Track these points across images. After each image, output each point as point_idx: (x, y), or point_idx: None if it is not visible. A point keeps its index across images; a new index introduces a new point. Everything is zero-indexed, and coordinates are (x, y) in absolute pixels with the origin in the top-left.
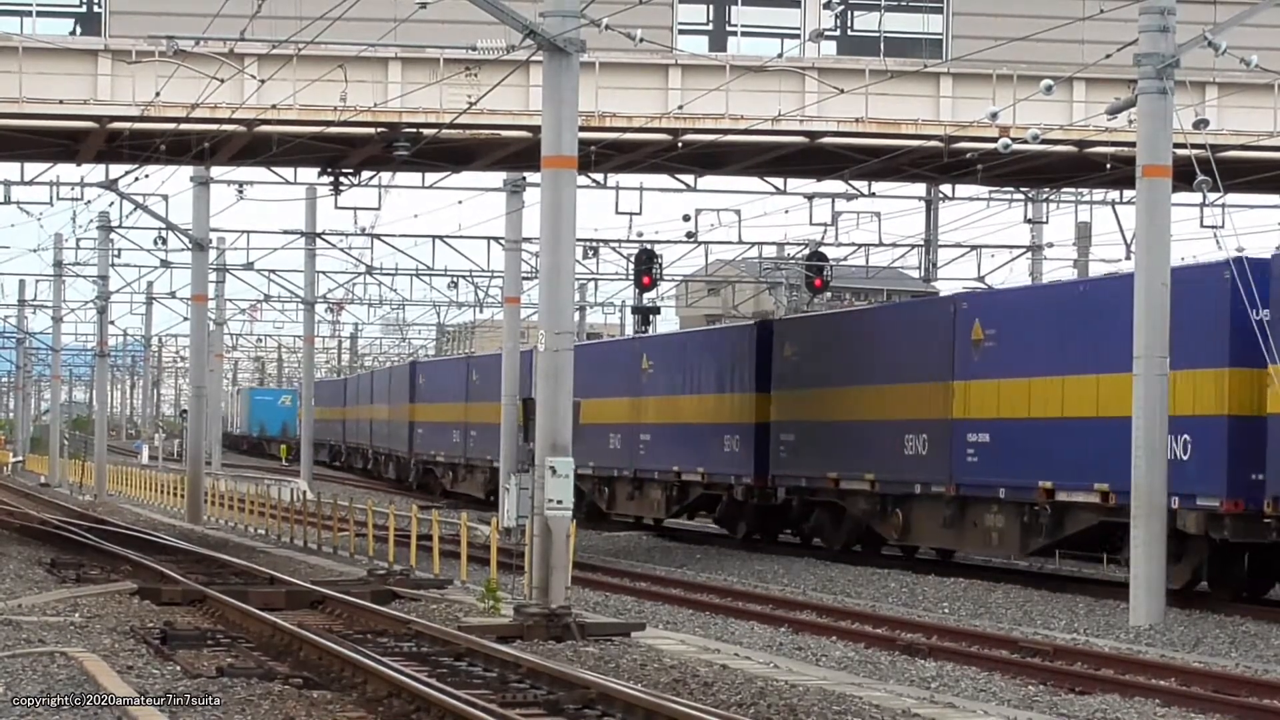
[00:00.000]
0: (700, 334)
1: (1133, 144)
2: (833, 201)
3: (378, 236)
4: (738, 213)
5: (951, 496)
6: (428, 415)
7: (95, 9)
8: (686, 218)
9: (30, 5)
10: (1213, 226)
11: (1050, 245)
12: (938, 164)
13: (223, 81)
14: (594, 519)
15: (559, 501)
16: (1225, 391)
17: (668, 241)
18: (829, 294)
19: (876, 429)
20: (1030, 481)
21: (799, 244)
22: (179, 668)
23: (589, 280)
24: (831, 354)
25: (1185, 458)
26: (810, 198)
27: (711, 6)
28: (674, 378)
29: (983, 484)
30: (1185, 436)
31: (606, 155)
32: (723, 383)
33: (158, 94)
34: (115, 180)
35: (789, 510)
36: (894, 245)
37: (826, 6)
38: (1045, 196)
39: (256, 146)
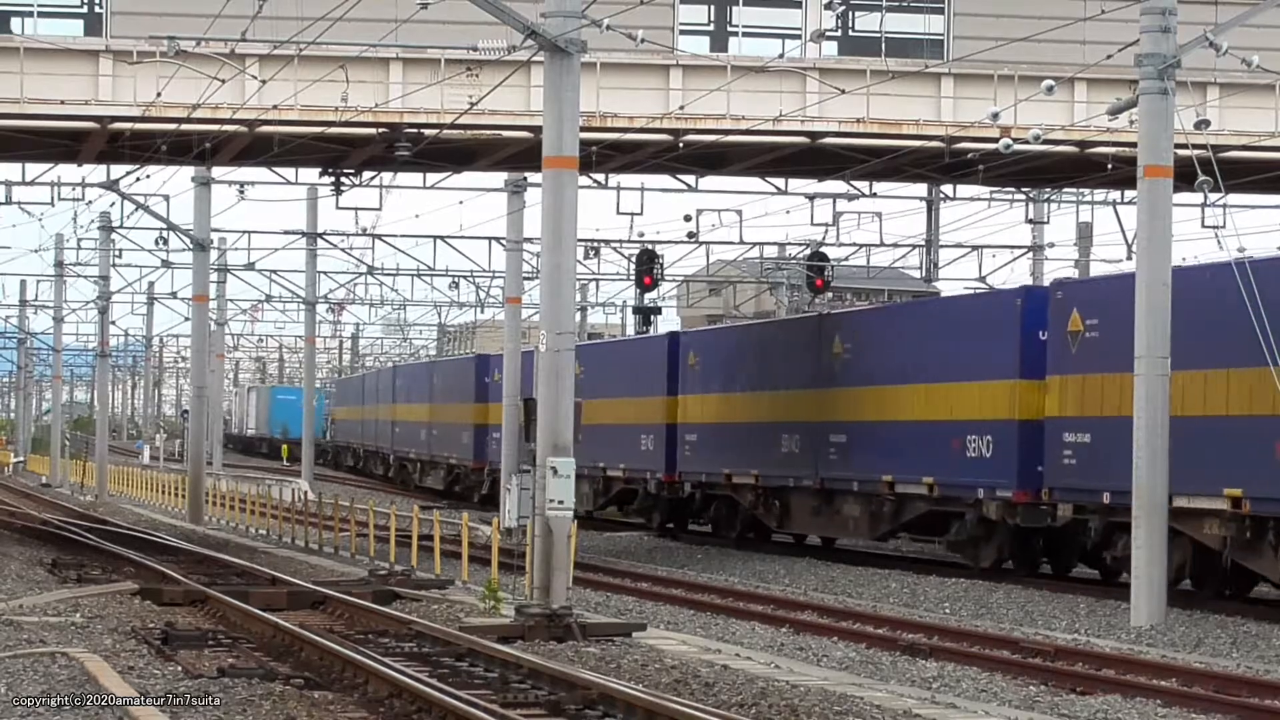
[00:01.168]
0: (926, 306)
1: (1134, 144)
2: (834, 202)
3: (379, 237)
4: (739, 213)
5: None
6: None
7: (96, 9)
8: (688, 218)
9: (31, 6)
10: (1214, 227)
11: (1051, 245)
12: (939, 164)
13: (224, 82)
14: (750, 539)
15: (560, 502)
16: None
17: (669, 242)
18: (830, 294)
19: (1245, 427)
20: None
21: (800, 244)
22: (180, 668)
23: (590, 280)
24: None
25: None
26: (811, 198)
27: (712, 7)
28: (882, 364)
29: None
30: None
31: (608, 156)
32: (967, 367)
33: (159, 94)
34: (116, 181)
35: (1079, 533)
36: (895, 245)
37: (827, 7)
38: (1046, 197)
39: (257, 147)
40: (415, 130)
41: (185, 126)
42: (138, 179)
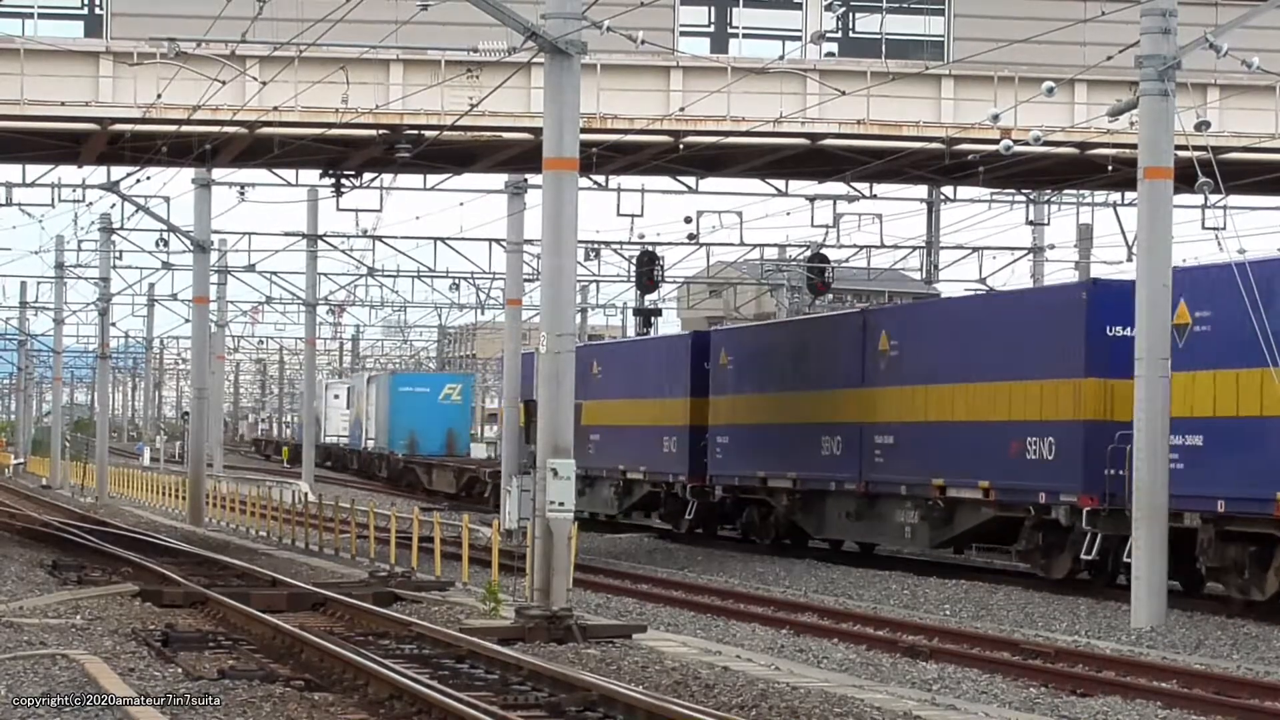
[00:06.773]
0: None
1: (1134, 146)
2: (834, 203)
3: (379, 238)
4: (739, 214)
5: None
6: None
7: (97, 11)
8: (688, 219)
9: (32, 7)
10: (1214, 228)
11: (1052, 247)
12: (939, 166)
13: (224, 83)
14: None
15: (560, 503)
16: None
17: (669, 243)
18: (830, 296)
19: None
20: None
21: (800, 246)
22: (180, 670)
23: (591, 282)
24: None
25: None
26: (812, 199)
27: (713, 8)
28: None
29: None
30: None
31: (608, 157)
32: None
33: (159, 96)
34: (117, 182)
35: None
36: (895, 247)
37: (828, 8)
38: (1047, 198)
39: (258, 148)
40: (415, 132)
41: (185, 128)
42: (138, 180)
